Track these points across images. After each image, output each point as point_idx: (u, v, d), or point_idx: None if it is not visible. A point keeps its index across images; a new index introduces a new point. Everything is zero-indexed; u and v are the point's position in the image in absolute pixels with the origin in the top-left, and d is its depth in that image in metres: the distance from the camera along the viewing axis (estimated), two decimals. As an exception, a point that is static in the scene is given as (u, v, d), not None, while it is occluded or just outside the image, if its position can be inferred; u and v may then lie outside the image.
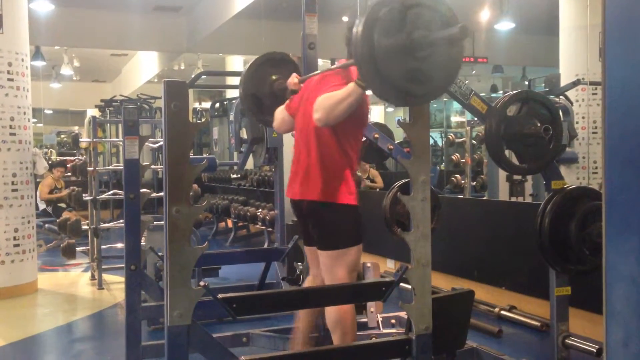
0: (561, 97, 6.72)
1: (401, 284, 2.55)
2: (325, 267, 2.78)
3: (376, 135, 3.45)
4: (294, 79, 2.98)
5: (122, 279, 3.38)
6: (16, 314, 4.89)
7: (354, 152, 2.78)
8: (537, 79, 10.09)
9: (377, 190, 8.29)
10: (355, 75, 2.53)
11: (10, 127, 5.35)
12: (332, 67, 3.05)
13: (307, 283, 3.08)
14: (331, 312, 2.73)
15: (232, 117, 7.67)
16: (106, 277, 5.83)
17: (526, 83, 12.73)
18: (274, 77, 3.25)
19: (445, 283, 4.69)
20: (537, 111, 2.90)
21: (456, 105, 17.16)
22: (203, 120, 12.03)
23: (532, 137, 2.83)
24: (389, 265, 5.87)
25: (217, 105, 10.46)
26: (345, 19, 10.02)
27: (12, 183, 5.36)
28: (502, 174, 6.79)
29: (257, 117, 3.33)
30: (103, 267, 5.76)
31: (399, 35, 2.11)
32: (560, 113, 3.43)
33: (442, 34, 2.13)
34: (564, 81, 7.19)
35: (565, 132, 5.30)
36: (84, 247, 6.12)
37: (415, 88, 2.19)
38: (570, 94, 7.05)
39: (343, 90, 2.53)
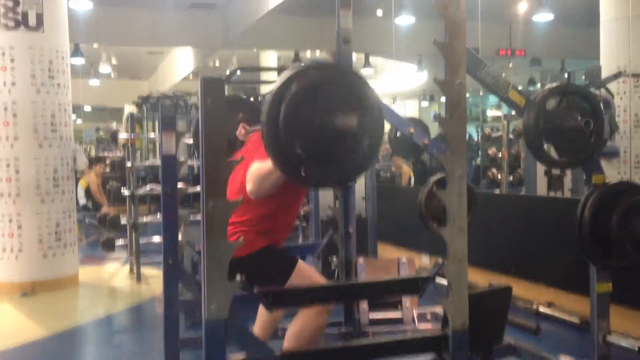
0: (602, 89, 6.56)
1: (437, 279, 2.53)
2: None
3: (411, 130, 3.42)
4: (241, 129, 2.90)
5: (160, 272, 3.43)
6: (58, 306, 5.01)
7: (273, 205, 2.64)
8: (577, 72, 9.89)
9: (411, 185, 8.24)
10: None
11: (52, 123, 5.48)
12: None
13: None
14: (296, 324, 2.65)
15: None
16: (144, 270, 5.93)
17: (565, 76, 12.47)
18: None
19: (482, 278, 4.64)
20: (577, 104, 2.83)
21: (492, 99, 16.91)
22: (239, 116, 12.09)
23: (573, 131, 2.76)
24: (424, 261, 5.84)
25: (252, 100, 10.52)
26: (379, 12, 9.98)
27: (54, 178, 5.49)
28: (540, 169, 6.68)
29: None
30: (141, 260, 5.86)
31: (306, 113, 2.04)
32: (601, 106, 3.35)
33: (339, 121, 2.04)
34: (605, 73, 7.02)
35: (606, 125, 5.18)
36: (123, 241, 6.24)
37: (317, 170, 2.11)
38: (612, 86, 6.89)
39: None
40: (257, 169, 2.46)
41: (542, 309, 4.23)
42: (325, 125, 2.05)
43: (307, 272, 2.74)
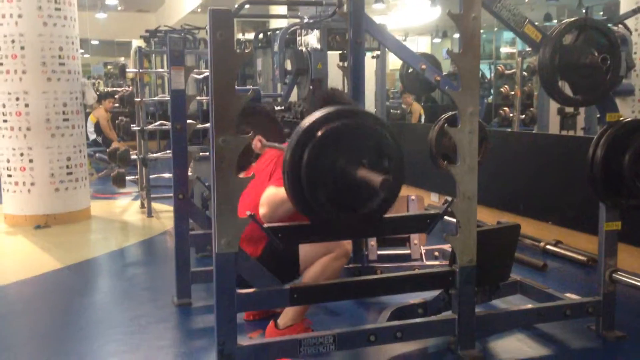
0: (620, 25, 6.38)
1: (446, 217, 2.54)
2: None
3: (423, 67, 3.36)
4: (257, 142, 2.91)
5: (171, 207, 3.47)
6: (71, 239, 5.10)
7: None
8: (595, 7, 9.61)
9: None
10: None
11: (59, 57, 5.42)
12: None
13: None
14: (314, 266, 2.71)
15: (276, 48, 7.57)
16: (155, 205, 6.00)
17: (583, 11, 12.13)
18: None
19: (490, 217, 4.66)
20: (595, 40, 2.75)
21: (506, 36, 16.51)
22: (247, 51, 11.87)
23: (589, 67, 2.70)
24: (433, 199, 5.86)
25: (261, 35, 10.33)
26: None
27: (63, 112, 5.48)
28: (553, 107, 6.58)
29: None
30: (152, 196, 5.92)
31: (328, 160, 2.12)
32: (619, 42, 3.25)
33: (362, 174, 2.10)
34: (623, 9, 6.82)
35: (622, 62, 5.07)
36: (133, 177, 6.28)
37: (335, 213, 2.19)
38: (630, 22, 6.69)
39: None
40: (272, 195, 2.48)
41: (549, 247, 4.26)
42: (346, 173, 2.12)
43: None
